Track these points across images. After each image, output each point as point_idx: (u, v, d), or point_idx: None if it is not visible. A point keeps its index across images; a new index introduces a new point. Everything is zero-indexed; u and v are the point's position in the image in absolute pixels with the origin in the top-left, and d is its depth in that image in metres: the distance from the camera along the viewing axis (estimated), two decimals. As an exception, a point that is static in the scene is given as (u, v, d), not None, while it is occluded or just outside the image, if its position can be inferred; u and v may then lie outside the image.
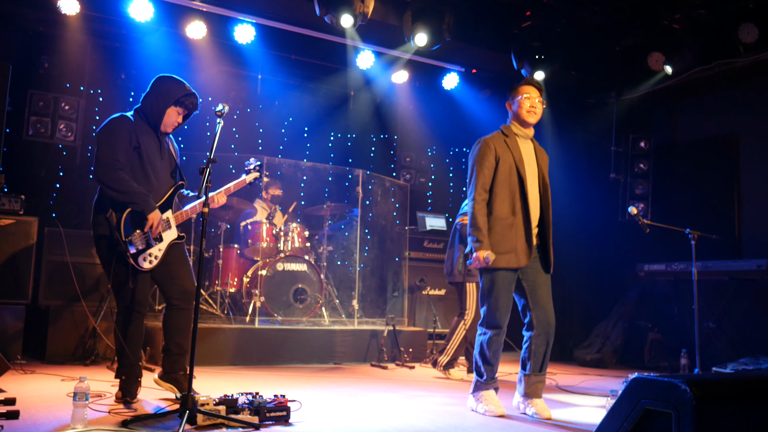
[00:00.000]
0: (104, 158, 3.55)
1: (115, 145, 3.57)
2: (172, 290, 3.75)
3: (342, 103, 8.28)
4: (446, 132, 8.73)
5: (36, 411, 3.26)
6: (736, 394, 1.96)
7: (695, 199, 7.02)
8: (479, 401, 3.77)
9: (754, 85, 6.65)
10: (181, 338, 3.75)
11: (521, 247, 3.66)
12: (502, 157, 3.73)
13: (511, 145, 3.77)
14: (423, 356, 6.45)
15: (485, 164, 3.72)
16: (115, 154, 3.56)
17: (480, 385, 3.79)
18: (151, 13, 6.13)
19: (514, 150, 3.76)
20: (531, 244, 3.67)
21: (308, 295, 6.32)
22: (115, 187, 3.53)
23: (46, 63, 6.50)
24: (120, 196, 3.53)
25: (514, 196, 3.71)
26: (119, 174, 3.55)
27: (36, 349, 5.33)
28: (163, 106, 3.70)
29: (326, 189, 7.89)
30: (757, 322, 5.99)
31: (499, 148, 3.75)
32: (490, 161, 3.72)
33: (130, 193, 3.54)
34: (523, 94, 3.81)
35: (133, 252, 3.55)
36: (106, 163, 3.54)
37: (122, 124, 3.66)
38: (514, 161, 3.73)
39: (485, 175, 3.72)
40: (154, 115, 3.72)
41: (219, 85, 7.47)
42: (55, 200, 6.52)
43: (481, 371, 3.78)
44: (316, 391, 4.30)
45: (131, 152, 3.63)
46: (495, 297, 3.67)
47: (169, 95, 3.70)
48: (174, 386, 3.73)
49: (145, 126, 3.73)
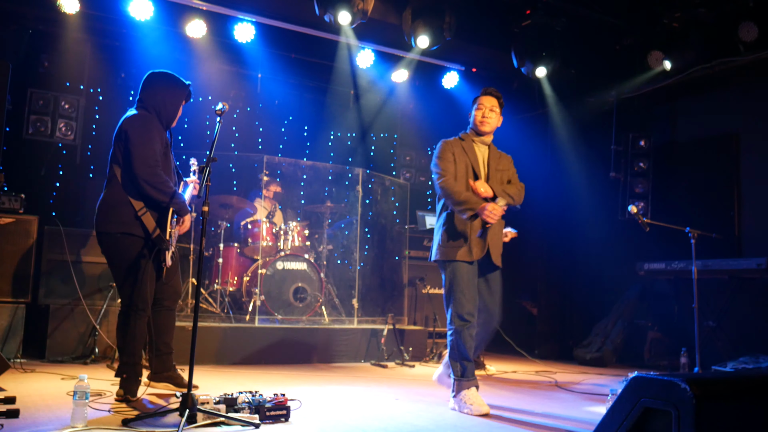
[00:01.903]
0: (148, 158, 3.51)
1: (154, 144, 3.56)
2: (166, 291, 3.80)
3: (342, 102, 8.28)
4: (446, 131, 8.63)
5: (36, 410, 3.26)
6: (735, 393, 1.97)
7: (695, 197, 7.01)
8: (462, 402, 3.73)
9: (754, 84, 6.64)
10: (170, 338, 3.88)
11: (475, 240, 3.81)
12: (458, 157, 3.93)
13: (466, 148, 3.98)
14: (423, 355, 6.45)
15: (444, 157, 3.93)
16: (156, 153, 3.55)
17: (462, 385, 3.76)
18: (151, 11, 6.13)
19: (470, 152, 3.97)
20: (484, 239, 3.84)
21: (308, 294, 6.32)
22: (161, 188, 3.52)
23: (46, 62, 6.50)
24: (161, 196, 3.53)
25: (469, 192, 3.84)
26: (162, 175, 3.55)
27: (36, 348, 5.33)
28: (178, 103, 3.73)
29: (326, 188, 7.89)
30: (757, 320, 5.99)
31: (456, 150, 3.96)
32: (448, 156, 3.93)
33: (173, 195, 3.56)
34: (476, 104, 4.03)
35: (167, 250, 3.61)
36: (150, 164, 3.51)
37: (154, 122, 3.64)
38: (469, 161, 3.94)
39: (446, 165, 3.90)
40: (168, 113, 3.70)
41: (219, 83, 7.47)
42: (55, 199, 6.52)
43: (459, 370, 3.78)
44: (316, 390, 4.31)
45: (161, 153, 3.63)
46: (459, 290, 3.76)
47: (182, 91, 3.74)
48: (170, 383, 3.75)
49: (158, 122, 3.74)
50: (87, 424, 2.91)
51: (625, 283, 7.25)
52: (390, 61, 7.44)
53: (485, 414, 3.64)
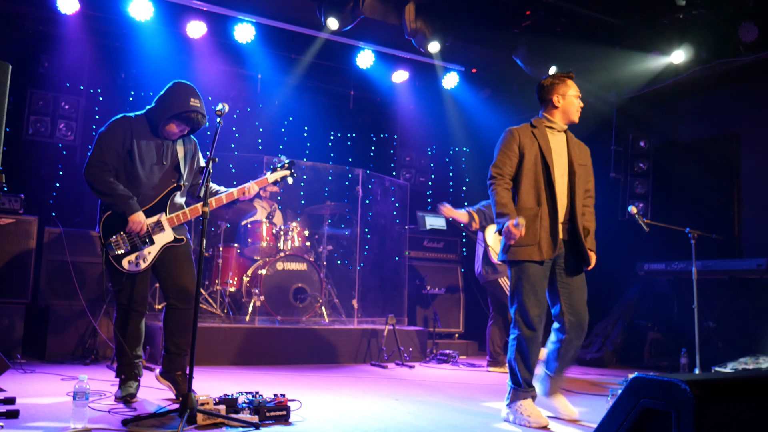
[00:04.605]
0: (92, 159, 3.62)
1: (106, 147, 3.63)
2: (169, 289, 3.76)
3: (342, 103, 8.28)
4: (446, 131, 8.73)
5: (36, 410, 3.26)
6: (735, 394, 1.96)
7: (695, 198, 7.01)
8: (518, 412, 3.43)
9: (754, 85, 6.64)
10: (179, 338, 3.75)
11: (545, 239, 3.44)
12: (528, 147, 3.54)
13: (539, 136, 3.58)
14: (423, 356, 6.45)
15: (506, 151, 3.56)
16: (104, 156, 3.61)
17: (518, 395, 3.48)
18: (151, 12, 6.13)
19: (542, 140, 3.56)
20: (556, 237, 3.45)
21: (308, 295, 6.32)
22: (98, 188, 3.59)
23: (45, 62, 6.50)
24: (103, 197, 3.61)
25: (539, 187, 3.51)
26: (104, 176, 3.59)
27: (36, 349, 5.33)
28: (161, 118, 3.69)
29: (326, 188, 7.89)
30: (757, 321, 5.99)
31: (525, 139, 3.57)
32: (513, 149, 3.55)
33: (112, 195, 3.58)
34: (565, 88, 3.65)
35: (115, 254, 3.58)
36: (92, 164, 3.61)
37: (118, 126, 3.68)
38: (540, 151, 3.54)
39: (504, 161, 3.55)
40: (154, 123, 3.73)
41: (219, 84, 7.47)
42: (55, 199, 6.52)
43: (518, 379, 3.48)
44: (316, 391, 4.31)
45: (123, 155, 3.66)
46: (524, 293, 3.44)
47: (170, 109, 3.66)
48: (171, 385, 3.74)
49: (148, 129, 3.73)
50: (87, 425, 2.91)
51: (625, 283, 7.25)
52: (390, 62, 7.44)
53: (544, 426, 3.35)
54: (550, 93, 3.67)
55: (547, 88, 3.68)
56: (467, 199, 8.88)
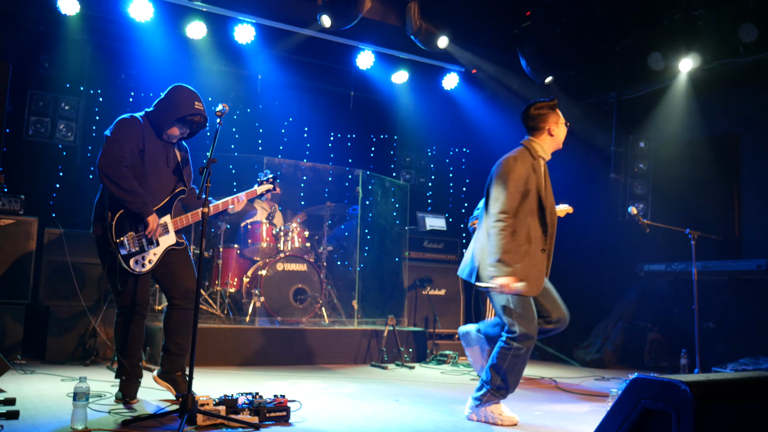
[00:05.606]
0: (112, 152, 3.51)
1: (124, 143, 3.56)
2: (174, 290, 3.74)
3: (342, 103, 8.29)
4: (446, 132, 8.73)
5: (36, 411, 3.26)
6: (735, 395, 1.96)
7: (695, 199, 7.00)
8: (490, 413, 3.50)
9: (754, 85, 6.65)
10: (181, 338, 3.74)
11: (535, 276, 3.46)
12: (531, 183, 3.49)
13: (537, 170, 3.53)
14: (423, 356, 6.45)
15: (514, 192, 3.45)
16: (123, 151, 3.54)
17: (493, 397, 3.51)
18: (151, 13, 6.13)
19: (539, 176, 3.53)
20: (542, 275, 3.52)
21: (308, 295, 6.32)
22: (119, 182, 3.49)
23: (45, 63, 6.51)
24: (120, 192, 3.50)
25: (530, 224, 3.49)
26: (124, 170, 3.53)
27: (36, 349, 5.33)
28: (165, 121, 3.68)
29: (326, 189, 7.89)
30: (757, 322, 5.99)
31: (529, 174, 3.49)
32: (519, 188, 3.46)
33: (131, 192, 3.51)
34: (555, 116, 3.60)
35: (124, 254, 3.55)
36: (112, 157, 3.50)
37: (133, 125, 3.65)
38: (537, 188, 3.50)
39: (512, 205, 3.44)
40: (157, 126, 3.71)
41: (219, 85, 7.47)
42: (55, 200, 6.53)
43: (500, 384, 3.47)
44: (316, 392, 4.31)
45: (136, 155, 3.63)
46: (521, 308, 3.45)
47: (174, 112, 3.66)
48: (171, 386, 3.73)
49: (152, 131, 3.72)
50: (87, 426, 2.91)
51: (626, 284, 7.25)
52: (390, 62, 7.44)
53: (515, 424, 3.44)
54: (544, 122, 3.60)
55: (540, 117, 3.60)
56: (467, 200, 8.89)
